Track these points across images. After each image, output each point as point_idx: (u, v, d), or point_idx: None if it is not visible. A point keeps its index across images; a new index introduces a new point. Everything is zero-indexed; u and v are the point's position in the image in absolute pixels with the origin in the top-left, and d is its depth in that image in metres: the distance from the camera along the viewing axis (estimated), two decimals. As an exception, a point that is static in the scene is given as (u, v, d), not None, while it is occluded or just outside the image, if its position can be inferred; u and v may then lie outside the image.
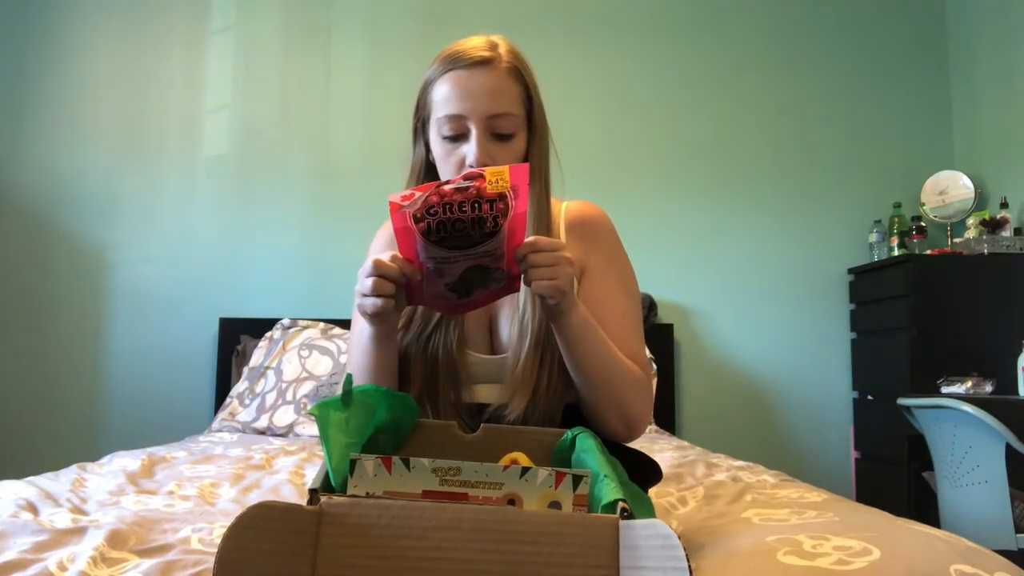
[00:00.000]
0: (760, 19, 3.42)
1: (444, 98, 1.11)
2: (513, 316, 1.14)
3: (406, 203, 0.90)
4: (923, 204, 3.25)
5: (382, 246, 1.24)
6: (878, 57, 3.42)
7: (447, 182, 0.91)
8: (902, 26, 3.44)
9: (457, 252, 0.92)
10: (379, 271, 0.95)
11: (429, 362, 1.12)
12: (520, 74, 1.14)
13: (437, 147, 1.14)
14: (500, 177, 0.91)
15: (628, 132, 3.35)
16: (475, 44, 1.13)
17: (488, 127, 1.10)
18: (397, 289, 0.97)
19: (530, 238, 0.96)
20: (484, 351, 1.17)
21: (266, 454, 1.99)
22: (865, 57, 3.42)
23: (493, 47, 1.13)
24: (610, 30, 3.38)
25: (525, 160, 1.15)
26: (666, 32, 3.39)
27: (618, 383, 1.08)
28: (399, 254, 0.95)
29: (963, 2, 3.38)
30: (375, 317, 0.99)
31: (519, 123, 1.13)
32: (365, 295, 0.97)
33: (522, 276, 0.98)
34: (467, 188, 0.90)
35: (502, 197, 0.90)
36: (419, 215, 0.90)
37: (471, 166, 1.08)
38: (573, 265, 0.98)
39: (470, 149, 1.10)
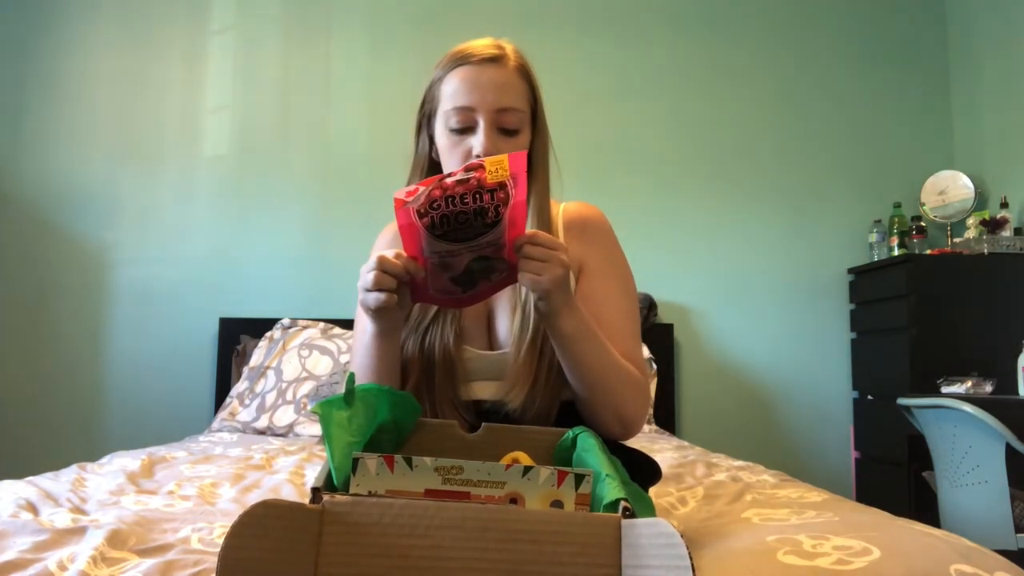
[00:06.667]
0: (761, 19, 3.42)
1: (453, 91, 1.13)
2: (513, 310, 1.15)
3: (410, 199, 0.90)
4: (923, 204, 3.25)
5: (385, 246, 1.24)
6: (878, 57, 3.42)
7: (449, 175, 0.91)
8: (902, 26, 3.44)
9: (461, 244, 0.92)
10: (382, 266, 0.96)
11: (426, 358, 1.13)
12: (527, 73, 1.17)
13: (443, 139, 1.15)
14: (500, 166, 0.91)
15: (628, 132, 3.35)
16: (483, 44, 1.16)
17: (495, 120, 1.12)
18: (400, 286, 0.97)
19: (531, 230, 0.96)
20: (482, 347, 1.17)
21: (266, 454, 1.99)
22: (865, 57, 3.42)
23: (500, 47, 1.16)
24: (609, 28, 3.38)
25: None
26: (666, 31, 3.39)
27: (614, 385, 1.08)
28: (403, 252, 0.95)
29: (963, 3, 3.38)
30: (377, 312, 1.00)
31: (525, 120, 1.15)
32: (368, 290, 0.97)
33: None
34: (468, 179, 0.90)
35: (502, 186, 0.90)
36: (423, 210, 0.90)
37: (478, 156, 1.09)
38: (567, 268, 0.98)
39: (477, 140, 1.11)
